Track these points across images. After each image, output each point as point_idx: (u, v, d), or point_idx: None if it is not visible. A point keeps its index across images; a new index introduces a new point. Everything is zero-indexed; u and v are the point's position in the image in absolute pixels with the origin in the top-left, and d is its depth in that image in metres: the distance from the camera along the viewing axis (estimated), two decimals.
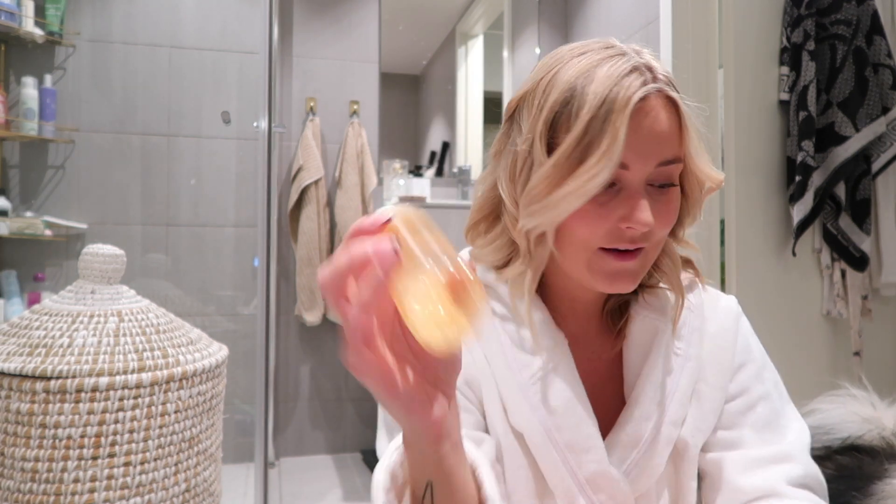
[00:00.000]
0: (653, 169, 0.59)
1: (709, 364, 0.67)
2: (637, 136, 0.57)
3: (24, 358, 1.20)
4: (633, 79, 0.57)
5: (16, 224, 2.22)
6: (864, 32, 1.71)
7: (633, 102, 0.56)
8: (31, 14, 2.27)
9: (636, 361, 0.66)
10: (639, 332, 0.66)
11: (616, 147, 0.55)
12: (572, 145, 0.57)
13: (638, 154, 0.57)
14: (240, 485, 2.26)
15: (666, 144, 0.58)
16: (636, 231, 0.58)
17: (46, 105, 2.32)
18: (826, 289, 1.81)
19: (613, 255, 0.59)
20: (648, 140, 0.57)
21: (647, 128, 0.57)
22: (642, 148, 0.57)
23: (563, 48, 0.63)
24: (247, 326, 2.52)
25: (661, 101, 0.58)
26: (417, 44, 2.86)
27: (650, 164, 0.58)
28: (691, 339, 0.67)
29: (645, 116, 0.57)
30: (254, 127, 2.17)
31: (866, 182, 1.74)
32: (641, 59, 0.59)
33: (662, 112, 0.58)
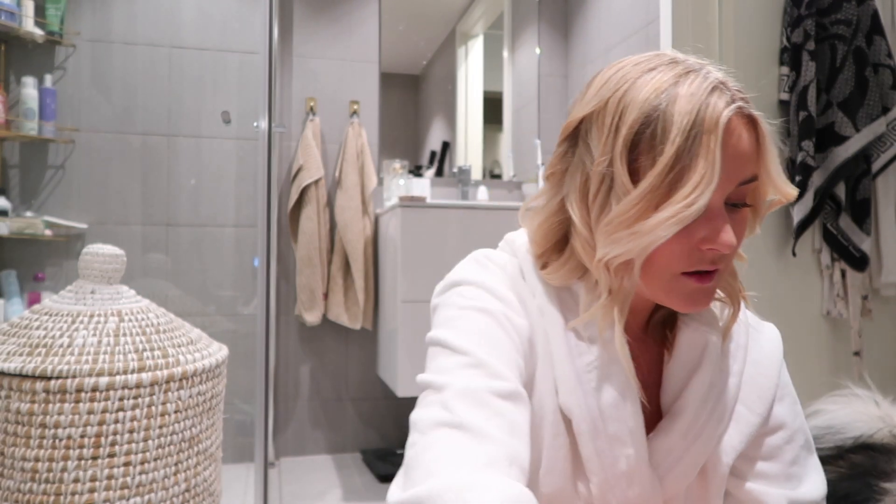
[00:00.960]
0: (733, 188, 0.58)
1: (749, 386, 0.67)
2: (724, 157, 0.56)
3: (24, 358, 1.20)
4: (717, 98, 0.56)
5: (16, 224, 2.22)
6: (864, 32, 1.71)
7: (722, 123, 0.55)
8: (31, 14, 2.27)
9: (681, 372, 0.66)
10: (687, 344, 0.66)
11: (714, 171, 0.54)
12: (665, 170, 0.55)
13: (724, 175, 0.56)
14: (240, 485, 2.26)
15: (747, 163, 0.58)
16: (718, 253, 0.58)
17: (46, 105, 2.32)
18: (826, 289, 1.81)
19: (694, 277, 0.59)
20: (733, 160, 0.57)
21: (733, 148, 0.56)
22: (727, 168, 0.56)
23: (625, 63, 0.61)
24: (247, 326, 2.52)
25: (742, 120, 0.57)
26: (417, 44, 2.86)
27: (732, 183, 0.58)
28: (736, 356, 0.68)
29: (730, 136, 0.56)
30: (254, 127, 2.17)
31: (866, 182, 1.74)
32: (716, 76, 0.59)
33: (744, 131, 0.57)
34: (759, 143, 0.58)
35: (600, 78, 0.62)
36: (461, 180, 2.73)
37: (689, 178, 0.54)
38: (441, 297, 0.67)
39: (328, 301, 2.59)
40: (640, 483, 0.62)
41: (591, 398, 0.62)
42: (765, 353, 0.69)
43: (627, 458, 0.61)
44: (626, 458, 0.61)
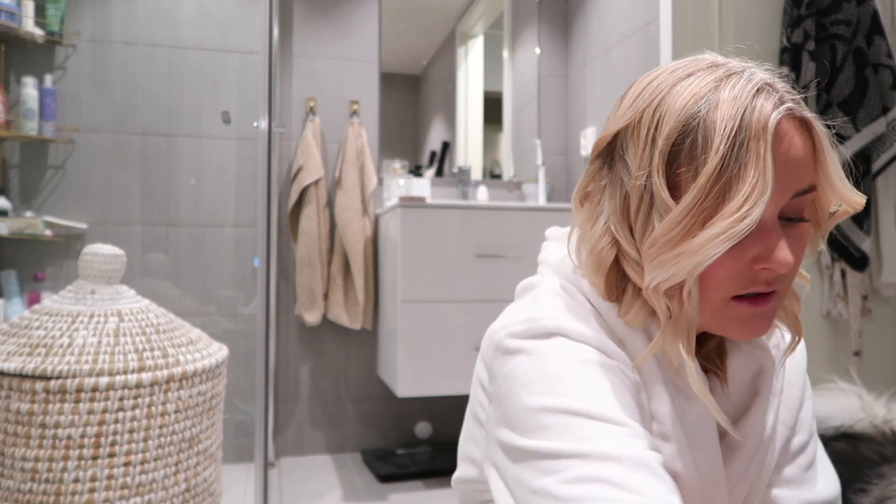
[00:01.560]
0: (788, 200, 0.52)
1: (783, 403, 0.65)
2: (775, 165, 0.50)
3: (24, 358, 1.20)
4: (763, 100, 0.51)
5: (16, 224, 2.22)
6: (864, 32, 1.71)
7: (771, 126, 0.50)
8: (31, 14, 2.27)
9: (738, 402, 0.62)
10: (740, 368, 0.62)
11: (767, 179, 0.49)
12: (710, 182, 0.50)
13: (776, 184, 0.50)
14: (240, 485, 2.26)
15: (803, 172, 0.52)
16: (773, 273, 0.52)
17: (46, 105, 2.32)
18: (826, 289, 1.81)
19: (748, 301, 0.53)
20: (786, 168, 0.51)
21: (784, 154, 0.51)
22: (780, 177, 0.51)
23: (661, 71, 0.56)
24: (247, 326, 2.52)
25: (793, 123, 0.52)
26: (417, 44, 2.86)
27: (786, 195, 0.52)
28: (779, 375, 0.64)
29: (780, 142, 0.51)
30: (254, 127, 2.17)
31: (866, 182, 1.74)
32: (761, 76, 0.53)
33: (796, 135, 0.52)
34: (816, 148, 0.53)
35: (635, 88, 0.57)
36: (461, 180, 2.73)
37: (739, 188, 0.49)
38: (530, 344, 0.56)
39: (328, 301, 2.59)
40: None
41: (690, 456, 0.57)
42: (795, 364, 0.67)
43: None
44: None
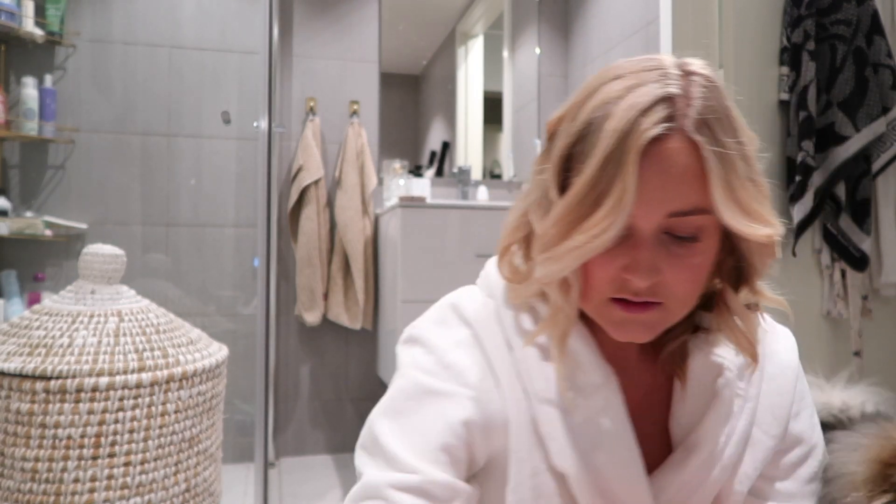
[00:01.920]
0: (662, 219, 0.52)
1: (764, 407, 0.63)
2: (645, 182, 0.50)
3: (24, 358, 1.20)
4: (655, 113, 0.50)
5: (16, 224, 2.22)
6: (864, 32, 1.71)
7: (641, 143, 0.50)
8: (31, 14, 2.27)
9: (694, 403, 0.62)
10: (699, 372, 0.61)
11: (627, 199, 0.50)
12: (584, 191, 0.51)
13: (643, 202, 0.51)
14: (240, 485, 2.26)
15: (680, 193, 0.51)
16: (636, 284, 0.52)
17: (46, 105, 2.32)
18: (826, 289, 1.81)
19: (621, 305, 0.54)
20: (658, 188, 0.51)
21: (658, 173, 0.51)
22: (649, 196, 0.51)
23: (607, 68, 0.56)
24: (247, 326, 2.52)
25: (684, 142, 0.51)
26: (417, 44, 2.86)
27: (658, 213, 0.52)
28: (752, 379, 0.63)
29: (658, 160, 0.51)
30: (254, 127, 2.17)
31: (866, 182, 1.74)
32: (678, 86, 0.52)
33: (682, 155, 0.51)
34: (704, 171, 0.51)
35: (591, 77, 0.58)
36: (461, 180, 2.73)
37: (605, 203, 0.50)
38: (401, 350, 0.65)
39: (328, 301, 2.59)
40: None
41: (588, 451, 0.58)
42: (780, 366, 0.64)
43: None
44: None
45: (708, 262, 0.55)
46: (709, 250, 0.54)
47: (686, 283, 0.54)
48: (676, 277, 0.53)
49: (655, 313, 0.54)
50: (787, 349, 0.66)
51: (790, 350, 0.66)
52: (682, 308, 0.56)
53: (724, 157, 0.51)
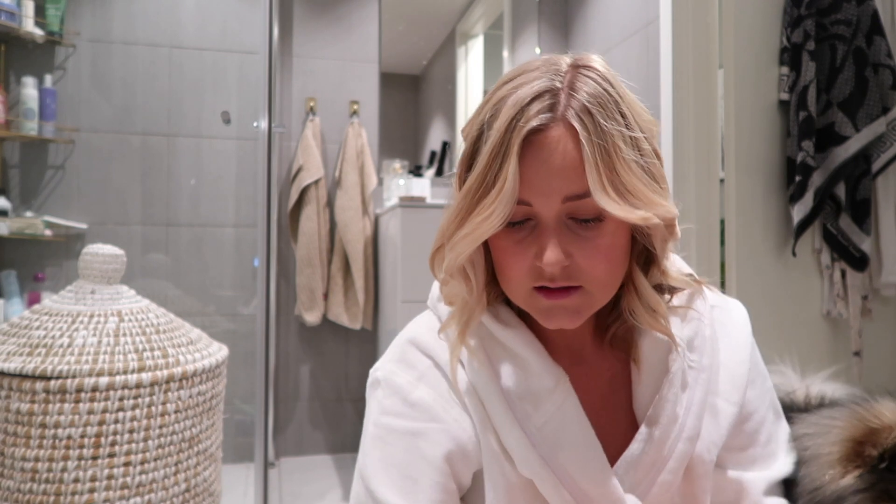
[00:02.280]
0: (560, 205, 0.55)
1: (722, 376, 0.65)
2: (534, 171, 0.54)
3: (24, 358, 1.20)
4: (536, 105, 0.54)
5: (16, 224, 2.22)
6: (864, 32, 1.71)
7: (522, 135, 0.53)
8: (31, 14, 2.27)
9: (650, 380, 0.63)
10: (649, 349, 0.63)
11: (507, 186, 0.53)
12: (474, 184, 0.55)
13: (536, 190, 0.54)
14: (240, 485, 2.26)
15: (569, 178, 0.54)
16: (548, 270, 0.55)
17: (46, 105, 2.32)
18: (826, 289, 1.81)
19: (543, 293, 0.56)
20: (546, 175, 0.54)
21: (543, 161, 0.54)
22: (540, 184, 0.54)
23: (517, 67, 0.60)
24: (247, 326, 2.52)
25: (566, 130, 0.54)
26: (417, 44, 2.86)
27: (553, 200, 0.54)
28: (704, 350, 0.65)
29: (541, 149, 0.54)
30: (254, 127, 2.17)
31: (866, 182, 1.74)
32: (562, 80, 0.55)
33: (565, 142, 0.54)
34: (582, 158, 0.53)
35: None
36: None
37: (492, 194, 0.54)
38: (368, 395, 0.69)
39: (328, 301, 2.59)
40: None
41: (549, 454, 0.59)
42: (734, 338, 0.67)
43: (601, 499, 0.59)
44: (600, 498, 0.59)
45: (620, 243, 0.57)
46: (618, 231, 0.57)
47: (600, 264, 0.56)
48: (588, 260, 0.55)
49: (577, 298, 0.57)
50: (739, 320, 0.69)
51: (743, 321, 0.69)
52: (603, 290, 0.58)
53: (605, 142, 0.53)
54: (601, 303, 0.59)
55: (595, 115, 0.54)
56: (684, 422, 0.62)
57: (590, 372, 0.65)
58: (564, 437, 0.60)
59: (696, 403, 0.63)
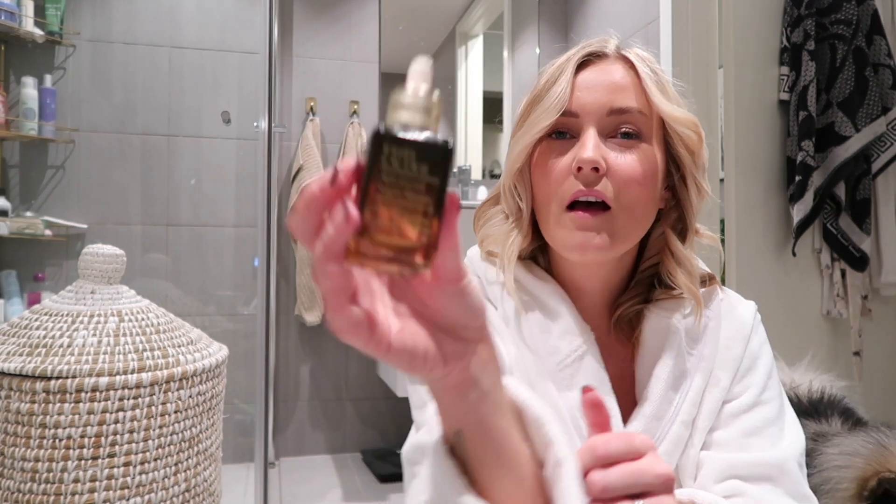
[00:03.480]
0: (605, 117, 0.62)
1: (718, 367, 0.66)
2: (584, 87, 0.62)
3: (24, 358, 1.20)
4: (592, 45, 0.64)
5: (16, 224, 2.22)
6: (864, 32, 1.71)
7: (577, 57, 0.63)
8: (31, 14, 2.27)
9: (649, 361, 0.66)
10: (651, 331, 0.66)
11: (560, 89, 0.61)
12: (531, 97, 0.64)
13: (585, 102, 0.62)
14: (240, 485, 2.26)
15: (617, 93, 0.62)
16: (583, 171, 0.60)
17: (46, 105, 2.32)
18: (826, 289, 1.81)
19: (576, 211, 0.61)
20: (595, 89, 0.62)
21: (594, 78, 0.63)
22: (589, 96, 0.62)
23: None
24: (247, 326, 2.52)
25: (619, 60, 0.64)
26: (417, 44, 2.86)
27: (599, 111, 0.62)
28: (707, 340, 0.66)
29: (593, 70, 0.63)
30: (254, 127, 2.17)
31: (866, 182, 1.74)
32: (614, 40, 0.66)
33: (617, 66, 0.63)
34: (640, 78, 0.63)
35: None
36: (461, 180, 2.73)
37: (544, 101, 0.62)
38: None
39: None
40: None
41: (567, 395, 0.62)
42: (735, 331, 0.68)
43: None
44: None
45: (650, 173, 0.62)
46: (651, 158, 0.62)
47: (632, 184, 0.61)
48: (622, 174, 0.60)
49: (603, 219, 0.60)
50: (742, 314, 0.69)
51: (746, 315, 0.69)
52: (629, 219, 0.62)
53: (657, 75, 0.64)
54: (624, 239, 0.62)
55: (646, 61, 0.64)
56: (680, 405, 0.63)
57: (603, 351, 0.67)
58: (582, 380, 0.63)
59: (693, 390, 0.64)
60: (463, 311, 0.38)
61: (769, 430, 0.63)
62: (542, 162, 0.63)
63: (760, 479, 0.59)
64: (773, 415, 0.64)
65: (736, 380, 0.66)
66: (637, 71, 0.63)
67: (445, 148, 0.32)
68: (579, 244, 0.61)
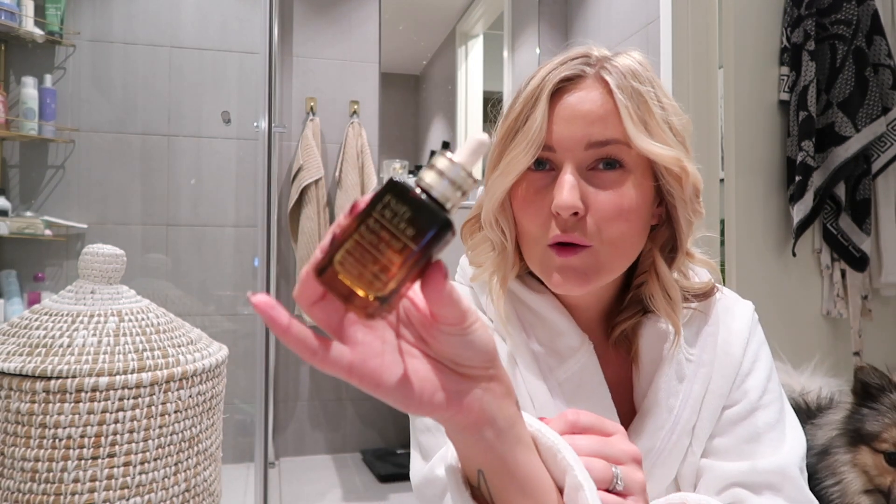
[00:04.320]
0: (583, 151, 0.58)
1: (716, 371, 0.65)
2: (562, 117, 0.58)
3: (24, 358, 1.20)
4: (569, 63, 0.59)
5: (16, 224, 2.22)
6: (864, 32, 1.71)
7: (553, 82, 0.58)
8: (31, 14, 2.27)
9: (647, 370, 0.65)
10: (649, 340, 0.65)
11: (536, 125, 0.57)
12: (506, 129, 0.60)
13: (562, 136, 0.58)
14: (240, 485, 2.26)
15: (594, 126, 0.57)
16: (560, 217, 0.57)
17: (46, 105, 2.32)
18: (826, 289, 1.81)
19: (556, 249, 0.58)
20: (572, 121, 0.58)
21: (571, 107, 0.58)
22: (566, 129, 0.58)
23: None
24: (247, 326, 2.52)
25: (597, 84, 0.58)
26: (417, 44, 2.87)
27: (577, 145, 0.58)
28: (705, 345, 0.65)
29: (571, 96, 0.58)
30: (254, 127, 2.17)
31: (866, 182, 1.74)
32: (595, 52, 0.60)
33: (595, 93, 0.58)
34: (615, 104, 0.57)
35: None
36: None
37: (520, 135, 0.58)
38: None
39: None
40: None
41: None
42: (733, 333, 0.66)
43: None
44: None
45: (638, 207, 0.58)
46: (636, 187, 0.58)
47: (614, 222, 0.57)
48: (603, 213, 0.57)
49: (585, 257, 0.58)
50: (740, 316, 0.67)
51: (743, 316, 0.67)
52: (613, 254, 0.59)
53: (639, 97, 0.57)
54: (610, 271, 0.60)
55: (627, 77, 0.58)
56: (680, 414, 0.62)
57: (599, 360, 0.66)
58: (583, 394, 0.62)
59: (692, 397, 0.63)
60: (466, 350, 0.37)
61: (770, 436, 0.62)
62: (523, 197, 0.60)
63: (762, 488, 0.59)
64: (774, 419, 0.63)
65: (735, 385, 0.64)
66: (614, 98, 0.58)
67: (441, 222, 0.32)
68: (561, 282, 0.59)
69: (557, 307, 0.65)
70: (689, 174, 0.59)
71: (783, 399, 0.66)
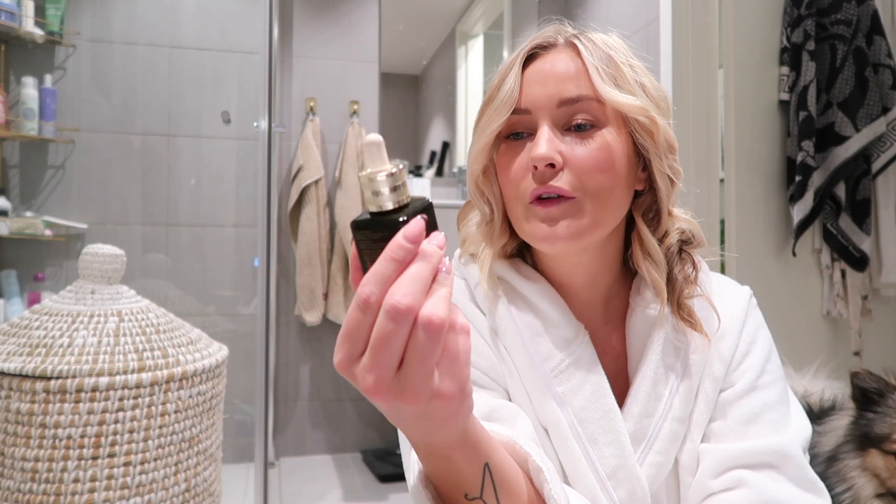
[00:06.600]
0: (556, 109, 0.60)
1: (712, 357, 0.64)
2: (533, 81, 0.61)
3: (24, 358, 1.20)
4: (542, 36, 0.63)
5: (16, 224, 2.22)
6: (864, 32, 1.71)
7: (524, 51, 0.62)
8: (31, 14, 2.27)
9: (636, 357, 0.64)
10: (637, 323, 0.65)
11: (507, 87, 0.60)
12: (486, 98, 0.63)
13: (535, 97, 0.61)
14: (240, 485, 2.26)
15: (565, 83, 0.60)
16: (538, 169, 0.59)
17: (46, 105, 2.32)
18: (826, 289, 1.81)
19: (538, 203, 0.60)
20: (544, 81, 0.61)
21: (542, 71, 0.61)
22: (538, 90, 0.61)
23: None
24: (247, 326, 2.52)
25: (568, 48, 0.63)
26: (417, 44, 2.87)
27: (549, 103, 0.60)
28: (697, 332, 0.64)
29: (541, 61, 0.62)
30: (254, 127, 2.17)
31: (866, 182, 1.74)
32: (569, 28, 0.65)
33: (564, 55, 0.62)
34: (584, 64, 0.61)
35: None
36: (461, 180, 2.73)
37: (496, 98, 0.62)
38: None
39: (328, 301, 2.59)
40: (628, 481, 0.59)
41: (563, 402, 0.61)
42: (729, 317, 0.65)
43: (610, 458, 0.59)
44: (610, 457, 0.59)
45: (616, 158, 0.60)
46: (612, 143, 0.60)
47: (593, 172, 0.59)
48: (580, 164, 0.59)
49: (566, 208, 0.59)
50: (735, 300, 0.67)
51: (738, 302, 0.67)
52: (597, 205, 0.60)
53: (609, 59, 0.61)
54: (594, 225, 0.60)
55: (597, 43, 0.62)
56: (670, 401, 0.62)
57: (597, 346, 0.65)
58: (578, 385, 0.62)
59: (683, 384, 0.63)
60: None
61: (769, 416, 0.61)
62: (503, 163, 0.63)
63: (762, 467, 0.58)
64: (774, 399, 0.62)
65: (731, 367, 0.64)
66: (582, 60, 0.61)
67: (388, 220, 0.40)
68: (547, 235, 0.60)
69: (551, 295, 0.65)
70: (659, 126, 0.60)
71: (784, 383, 0.65)
